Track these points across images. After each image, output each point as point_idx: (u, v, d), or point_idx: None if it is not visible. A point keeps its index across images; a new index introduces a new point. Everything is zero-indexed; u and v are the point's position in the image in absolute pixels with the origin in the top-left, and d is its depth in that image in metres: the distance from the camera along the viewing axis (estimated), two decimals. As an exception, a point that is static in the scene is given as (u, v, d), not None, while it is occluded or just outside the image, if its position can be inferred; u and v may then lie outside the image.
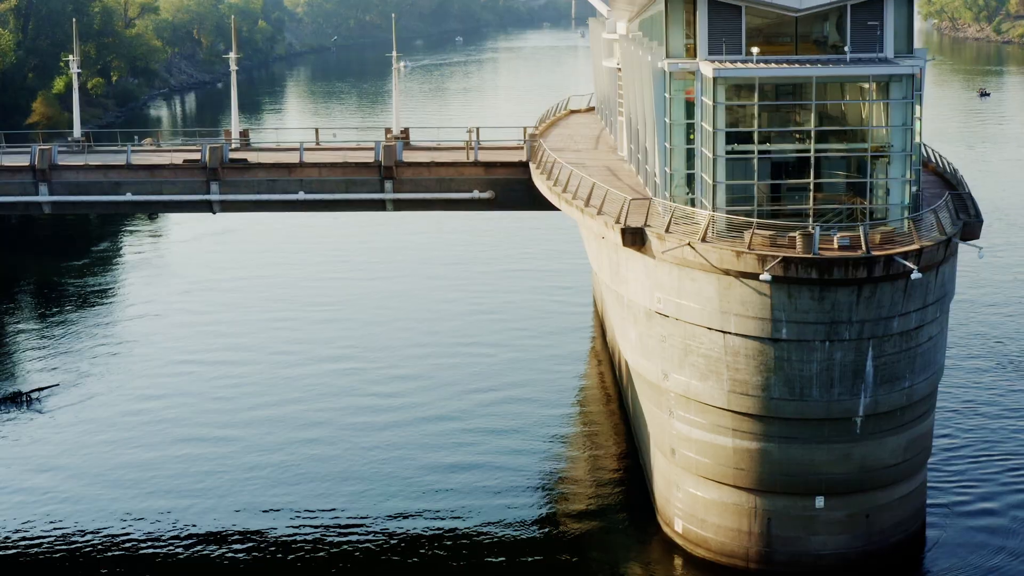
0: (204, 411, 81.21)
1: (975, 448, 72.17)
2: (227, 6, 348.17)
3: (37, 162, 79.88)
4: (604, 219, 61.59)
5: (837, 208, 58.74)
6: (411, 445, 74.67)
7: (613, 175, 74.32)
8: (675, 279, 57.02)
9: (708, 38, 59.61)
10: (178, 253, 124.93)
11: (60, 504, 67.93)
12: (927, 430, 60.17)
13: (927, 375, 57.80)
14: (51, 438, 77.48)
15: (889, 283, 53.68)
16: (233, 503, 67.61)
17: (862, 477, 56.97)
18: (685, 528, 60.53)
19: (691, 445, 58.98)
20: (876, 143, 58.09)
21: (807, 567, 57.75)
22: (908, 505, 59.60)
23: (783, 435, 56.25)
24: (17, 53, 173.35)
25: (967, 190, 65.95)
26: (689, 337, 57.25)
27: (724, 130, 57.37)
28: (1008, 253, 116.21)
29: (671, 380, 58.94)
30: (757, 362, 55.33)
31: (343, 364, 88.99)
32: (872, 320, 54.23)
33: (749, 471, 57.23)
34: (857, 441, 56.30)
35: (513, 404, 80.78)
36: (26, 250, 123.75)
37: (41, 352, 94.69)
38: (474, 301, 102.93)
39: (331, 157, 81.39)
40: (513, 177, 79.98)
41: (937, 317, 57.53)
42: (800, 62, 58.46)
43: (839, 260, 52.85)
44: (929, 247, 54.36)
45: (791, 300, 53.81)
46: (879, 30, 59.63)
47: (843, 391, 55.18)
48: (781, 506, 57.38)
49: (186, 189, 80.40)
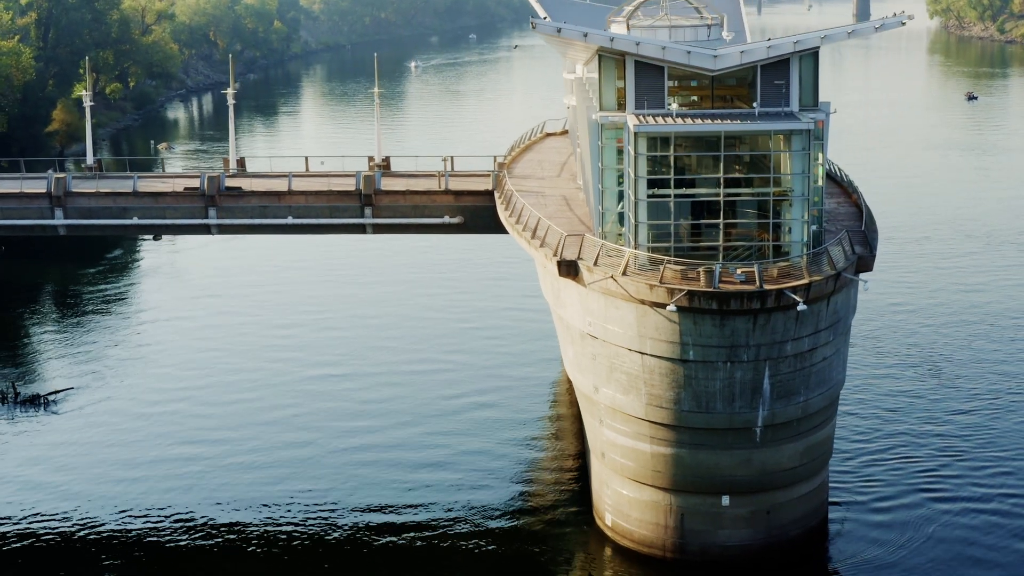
0: (206, 413, 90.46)
1: (878, 448, 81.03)
2: (243, 7, 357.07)
3: (53, 189, 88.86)
4: (545, 251, 70.21)
5: (748, 244, 67.31)
6: (387, 445, 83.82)
7: (567, 206, 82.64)
8: (602, 306, 65.67)
9: (635, 94, 68.13)
10: (186, 260, 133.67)
11: (74, 496, 77.16)
12: (825, 437, 68.76)
13: (822, 390, 66.38)
14: (67, 437, 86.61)
15: (781, 312, 62.25)
16: (232, 498, 76.80)
17: (762, 479, 65.71)
18: (614, 522, 69.35)
19: (617, 450, 67.77)
20: (779, 188, 66.62)
21: (715, 557, 66.59)
22: (807, 503, 68.31)
23: (693, 442, 64.98)
24: (37, 66, 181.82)
25: (874, 225, 74.24)
26: (614, 356, 65.93)
27: (645, 177, 65.90)
28: (947, 264, 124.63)
29: (601, 393, 67.65)
30: (669, 379, 64.03)
31: (334, 369, 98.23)
32: (767, 344, 62.84)
33: (664, 473, 66.02)
34: (757, 448, 65.00)
35: (483, 410, 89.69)
36: (46, 258, 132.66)
37: (57, 356, 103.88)
38: (447, 316, 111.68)
39: (317, 185, 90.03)
40: (481, 204, 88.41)
41: (831, 340, 66.06)
42: (712, 117, 66.91)
43: (736, 293, 61.46)
44: (818, 281, 62.87)
45: (696, 327, 62.46)
46: (785, 88, 68.07)
47: (743, 405, 63.85)
48: (692, 504, 66.18)
49: (187, 214, 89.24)
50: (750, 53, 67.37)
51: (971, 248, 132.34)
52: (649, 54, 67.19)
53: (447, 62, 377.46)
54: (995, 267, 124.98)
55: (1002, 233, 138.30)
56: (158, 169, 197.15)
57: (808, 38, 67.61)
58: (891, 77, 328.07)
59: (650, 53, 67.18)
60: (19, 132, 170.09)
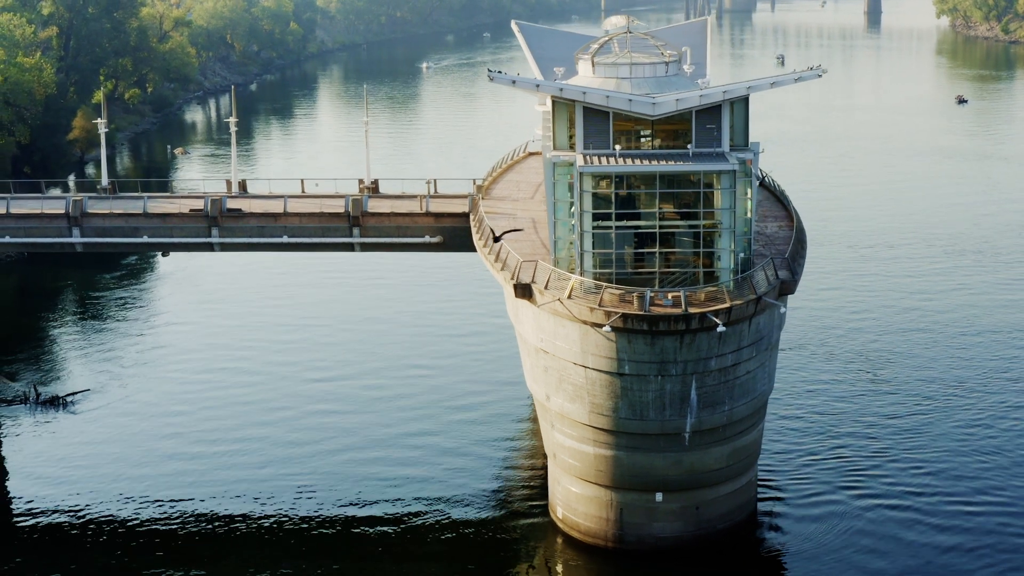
0: (211, 414, 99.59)
1: (812, 448, 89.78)
2: (260, 9, 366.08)
3: (71, 210, 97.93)
4: (505, 274, 79.00)
5: (683, 271, 75.98)
6: (372, 444, 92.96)
7: (535, 228, 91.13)
8: (552, 324, 74.46)
9: (583, 136, 76.87)
10: (194, 269, 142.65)
11: (89, 489, 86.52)
12: (751, 441, 77.52)
13: (746, 400, 75.09)
14: (83, 436, 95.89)
15: (705, 332, 70.96)
16: (227, 490, 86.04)
17: (691, 478, 74.54)
18: (564, 515, 78.30)
19: (566, 451, 76.67)
20: (710, 221, 75.26)
21: (650, 547, 75.52)
22: (734, 500, 77.11)
23: (629, 446, 73.85)
24: (58, 78, 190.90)
25: (803, 251, 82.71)
26: (562, 369, 74.76)
27: (591, 211, 74.63)
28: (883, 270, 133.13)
29: (552, 401, 76.51)
30: (609, 390, 72.84)
31: (327, 373, 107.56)
32: (693, 360, 71.57)
33: (606, 472, 74.91)
34: (686, 451, 73.80)
35: (457, 413, 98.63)
36: (64, 266, 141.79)
37: (74, 360, 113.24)
38: (427, 328, 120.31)
39: (310, 207, 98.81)
40: (458, 225, 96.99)
41: (754, 356, 74.71)
42: (651, 158, 75.53)
43: (664, 316, 70.19)
44: (739, 305, 71.53)
45: (631, 345, 71.23)
46: (717, 131, 76.66)
47: (673, 413, 72.64)
48: (630, 500, 75.06)
49: (192, 233, 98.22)
50: (685, 101, 75.81)
51: (930, 255, 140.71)
52: (595, 102, 75.90)
53: (458, 63, 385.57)
54: (956, 275, 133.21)
55: (965, 241, 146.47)
56: (174, 174, 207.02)
57: (735, 88, 76.12)
58: (891, 78, 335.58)
59: (596, 101, 75.88)
60: (41, 141, 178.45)
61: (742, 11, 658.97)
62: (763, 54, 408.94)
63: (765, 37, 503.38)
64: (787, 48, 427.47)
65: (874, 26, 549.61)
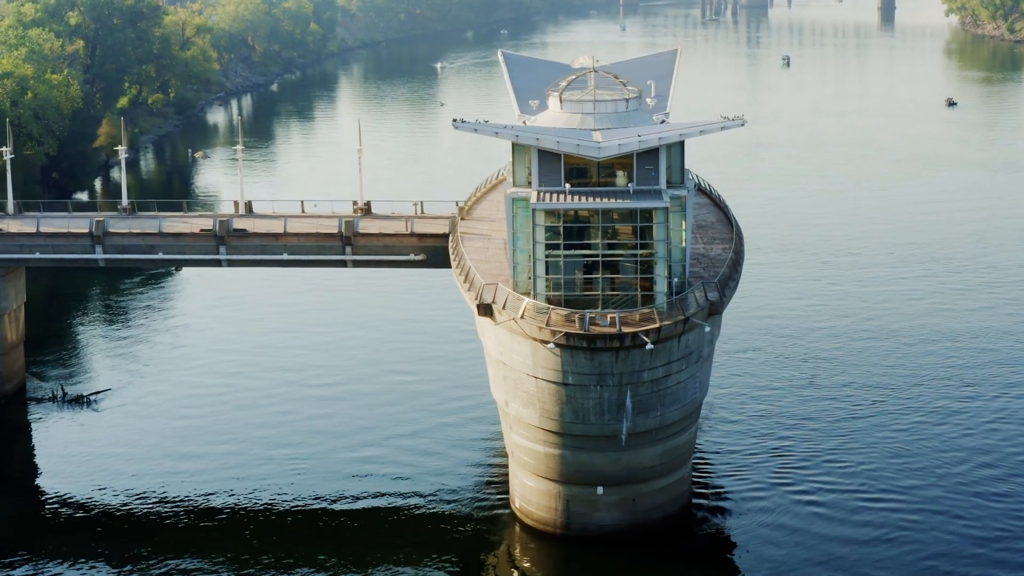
0: (216, 413, 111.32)
1: (749, 448, 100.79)
2: (281, 11, 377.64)
3: (94, 229, 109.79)
4: (471, 294, 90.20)
5: (625, 294, 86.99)
6: (356, 445, 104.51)
7: (505, 250, 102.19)
8: (509, 340, 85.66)
9: (538, 175, 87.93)
10: (207, 279, 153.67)
11: (110, 480, 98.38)
12: (684, 442, 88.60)
13: (678, 407, 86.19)
14: (105, 432, 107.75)
15: (638, 349, 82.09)
16: (233, 486, 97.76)
17: (628, 474, 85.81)
18: (521, 505, 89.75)
19: (522, 450, 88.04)
20: (647, 251, 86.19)
21: (593, 533, 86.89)
22: (667, 493, 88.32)
23: (574, 446, 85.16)
24: (84, 87, 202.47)
25: (736, 274, 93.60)
26: (518, 379, 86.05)
27: (543, 242, 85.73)
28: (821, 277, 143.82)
29: (510, 406, 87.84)
30: (556, 398, 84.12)
31: (324, 378, 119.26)
32: (628, 372, 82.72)
33: (554, 468, 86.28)
34: (623, 451, 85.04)
35: (434, 416, 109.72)
36: (87, 273, 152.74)
37: (98, 361, 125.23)
38: (409, 334, 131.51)
39: (307, 227, 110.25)
40: (440, 245, 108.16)
41: (684, 368, 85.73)
42: (595, 195, 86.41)
43: (601, 335, 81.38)
44: (667, 325, 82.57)
45: (573, 359, 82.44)
46: (655, 171, 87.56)
47: (611, 418, 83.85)
48: (575, 493, 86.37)
49: (201, 250, 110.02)
50: (626, 145, 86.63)
51: (890, 262, 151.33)
52: (548, 146, 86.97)
53: (472, 62, 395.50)
54: (912, 282, 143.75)
55: (928, 248, 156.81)
56: (192, 179, 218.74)
57: (669, 135, 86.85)
58: (891, 78, 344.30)
59: (548, 145, 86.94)
60: (68, 149, 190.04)
61: (758, 7, 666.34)
62: (772, 53, 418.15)
63: (780, 34, 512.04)
64: (801, 47, 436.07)
65: (887, 22, 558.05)
